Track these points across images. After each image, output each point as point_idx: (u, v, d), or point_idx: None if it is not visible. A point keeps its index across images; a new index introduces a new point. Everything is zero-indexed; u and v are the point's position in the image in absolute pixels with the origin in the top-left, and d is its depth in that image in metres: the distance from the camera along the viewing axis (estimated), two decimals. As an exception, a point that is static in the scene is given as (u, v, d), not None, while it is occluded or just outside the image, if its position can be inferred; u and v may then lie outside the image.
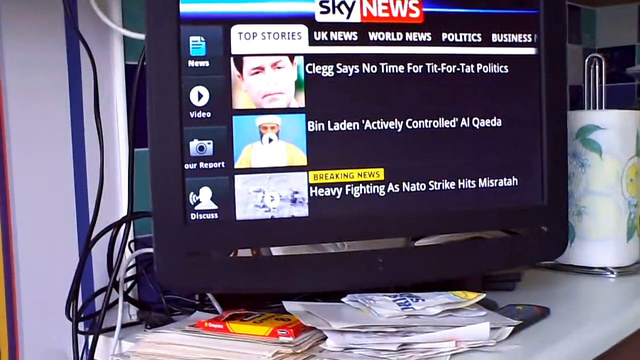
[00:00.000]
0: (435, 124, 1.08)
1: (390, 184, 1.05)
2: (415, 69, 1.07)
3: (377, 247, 1.06)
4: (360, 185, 1.04)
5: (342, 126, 1.03)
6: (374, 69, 1.05)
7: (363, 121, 1.04)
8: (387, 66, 1.05)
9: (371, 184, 1.04)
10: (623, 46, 2.32)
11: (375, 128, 1.04)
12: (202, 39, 0.97)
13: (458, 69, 1.09)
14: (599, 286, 1.32)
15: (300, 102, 1.01)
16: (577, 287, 1.31)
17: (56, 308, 1.10)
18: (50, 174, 1.11)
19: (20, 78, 1.07)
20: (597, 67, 1.44)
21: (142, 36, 1.05)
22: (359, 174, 1.04)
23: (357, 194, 1.04)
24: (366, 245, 1.07)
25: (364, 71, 1.04)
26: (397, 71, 1.06)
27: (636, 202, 1.39)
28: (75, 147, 1.14)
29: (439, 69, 1.08)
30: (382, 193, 1.05)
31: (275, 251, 1.06)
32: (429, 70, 1.08)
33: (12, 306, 1.07)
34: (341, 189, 1.03)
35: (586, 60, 1.45)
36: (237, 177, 0.99)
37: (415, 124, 1.06)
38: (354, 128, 1.03)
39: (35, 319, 1.09)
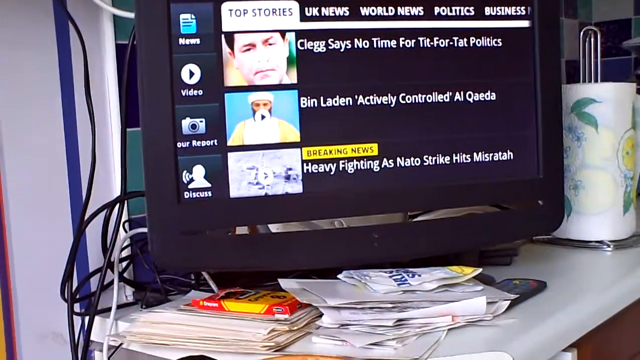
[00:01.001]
0: (429, 98, 1.07)
1: (385, 159, 1.05)
2: (408, 43, 1.06)
3: (371, 224, 1.06)
4: (354, 160, 1.03)
5: (335, 102, 1.02)
6: (366, 44, 1.04)
7: (356, 96, 1.03)
8: (379, 41, 1.04)
9: (365, 159, 1.04)
10: (619, 20, 2.31)
11: (368, 103, 1.04)
12: (193, 16, 0.96)
13: (451, 43, 1.08)
14: (596, 260, 1.32)
15: (292, 78, 1.00)
16: (574, 261, 1.31)
17: (51, 289, 1.10)
18: (43, 155, 1.10)
19: (9, 59, 1.06)
20: (592, 40, 1.43)
21: (132, 15, 1.05)
22: (352, 150, 1.03)
23: (351, 170, 1.03)
24: (360, 222, 1.06)
25: (356, 46, 1.03)
26: (389, 46, 1.05)
27: (632, 175, 1.38)
28: (67, 127, 1.13)
29: (431, 43, 1.07)
30: (376, 168, 1.04)
31: (273, 228, 1.06)
32: (421, 45, 1.07)
33: (7, 288, 1.06)
34: (335, 164, 1.02)
35: (581, 34, 1.44)
36: (230, 154, 0.98)
37: (408, 98, 1.06)
38: (347, 103, 1.03)
39: (31, 301, 1.09)
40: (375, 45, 1.04)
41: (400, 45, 1.05)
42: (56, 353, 1.12)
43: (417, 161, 1.06)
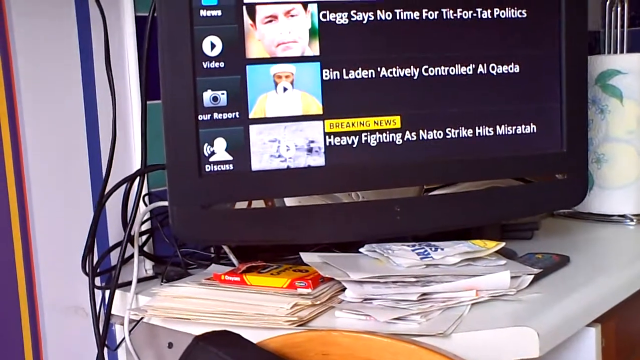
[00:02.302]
0: (452, 70, 1.06)
1: (407, 132, 1.04)
2: (431, 15, 1.04)
3: (390, 197, 1.05)
4: (377, 133, 1.02)
5: (358, 74, 1.01)
6: (388, 15, 1.02)
7: (378, 69, 1.02)
8: (402, 12, 1.03)
9: (388, 132, 1.03)
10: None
11: (390, 75, 1.02)
12: (214, -13, 0.95)
13: (474, 14, 1.07)
14: (618, 234, 1.31)
15: (314, 50, 0.99)
16: (596, 235, 1.30)
17: (72, 263, 1.10)
18: (62, 128, 1.10)
19: (28, 30, 1.05)
20: (618, 9, 1.40)
21: (152, -13, 1.04)
22: (375, 122, 1.02)
23: (373, 143, 1.02)
24: (381, 195, 1.06)
25: (378, 18, 1.02)
26: (412, 18, 1.04)
27: (656, 148, 1.37)
28: (87, 101, 1.12)
29: (454, 14, 1.06)
30: (399, 141, 1.03)
31: (289, 202, 1.05)
32: (444, 16, 1.05)
33: (30, 263, 1.06)
34: (357, 137, 1.01)
35: (607, 3, 1.42)
36: (251, 127, 0.97)
37: (431, 70, 1.04)
38: (370, 76, 1.01)
39: (53, 275, 1.09)
40: (397, 17, 1.03)
41: (423, 17, 1.04)
42: (78, 326, 1.12)
43: (440, 134, 1.05)
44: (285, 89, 0.98)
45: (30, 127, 1.06)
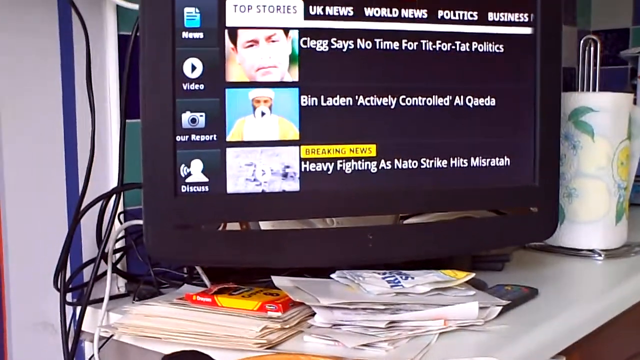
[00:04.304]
0: (429, 101, 1.07)
1: (382, 161, 1.05)
2: (410, 45, 1.06)
3: (366, 224, 1.06)
4: (352, 161, 1.03)
5: (335, 101, 1.02)
6: (368, 44, 1.04)
7: (356, 97, 1.03)
8: (382, 42, 1.04)
9: (363, 160, 1.04)
10: (617, 29, 2.32)
11: (368, 104, 1.04)
12: (197, 10, 0.96)
13: (453, 47, 1.08)
14: (587, 268, 1.33)
15: (294, 76, 1.00)
16: (565, 269, 1.31)
17: (44, 279, 1.09)
18: (40, 143, 1.10)
19: (10, 45, 1.06)
20: (592, 49, 1.43)
21: (136, 6, 1.04)
22: (350, 150, 1.03)
23: (348, 170, 1.03)
24: (355, 222, 1.07)
25: (358, 47, 1.03)
26: (392, 47, 1.05)
27: (626, 185, 1.39)
28: (66, 116, 1.13)
29: (433, 46, 1.07)
30: (373, 169, 1.04)
31: (264, 226, 1.06)
32: (424, 48, 1.07)
33: (0, 276, 1.06)
34: (333, 164, 1.02)
35: (582, 42, 1.45)
36: (228, 150, 0.98)
37: (408, 100, 1.06)
38: (347, 103, 1.03)
39: (23, 290, 1.09)
40: (377, 47, 1.04)
41: (403, 48, 1.05)
42: (46, 342, 1.11)
43: (415, 163, 1.07)
44: (263, 114, 0.99)
45: (8, 141, 1.06)
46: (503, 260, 1.28)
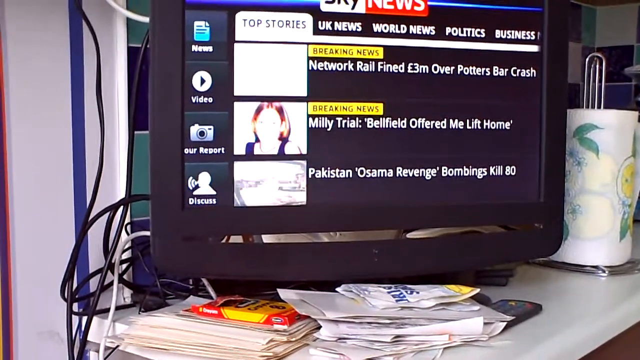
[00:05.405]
0: (434, 118, 1.07)
1: (387, 173, 1.05)
2: (417, 66, 1.06)
3: (371, 239, 1.06)
4: (360, 173, 1.04)
5: (345, 124, 1.03)
6: (373, 65, 1.04)
7: (365, 119, 1.04)
8: (384, 64, 1.05)
9: (370, 174, 1.04)
10: (622, 46, 2.32)
11: (372, 126, 1.04)
12: (207, 24, 0.97)
13: (460, 65, 1.09)
14: (591, 285, 1.33)
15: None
16: (569, 285, 1.32)
17: (51, 288, 1.10)
18: (50, 154, 1.11)
19: (22, 56, 1.06)
20: (597, 66, 1.44)
21: (146, 19, 1.05)
22: (357, 168, 1.04)
23: (356, 183, 1.04)
24: (360, 236, 1.07)
25: (364, 68, 1.04)
26: (397, 70, 1.06)
27: (630, 202, 1.39)
28: (75, 128, 1.13)
29: (439, 64, 1.08)
30: (380, 183, 1.05)
31: (267, 239, 1.06)
32: (431, 67, 1.07)
33: (7, 286, 1.07)
34: (341, 177, 1.03)
35: (587, 59, 1.45)
36: (236, 163, 0.99)
37: (412, 122, 1.06)
38: (356, 126, 1.03)
39: (30, 299, 1.09)
40: (380, 69, 1.05)
41: (409, 69, 1.06)
42: (52, 352, 1.12)
43: (420, 179, 1.07)
44: (271, 128, 1.00)
45: (17, 152, 1.07)
46: (507, 276, 1.28)
